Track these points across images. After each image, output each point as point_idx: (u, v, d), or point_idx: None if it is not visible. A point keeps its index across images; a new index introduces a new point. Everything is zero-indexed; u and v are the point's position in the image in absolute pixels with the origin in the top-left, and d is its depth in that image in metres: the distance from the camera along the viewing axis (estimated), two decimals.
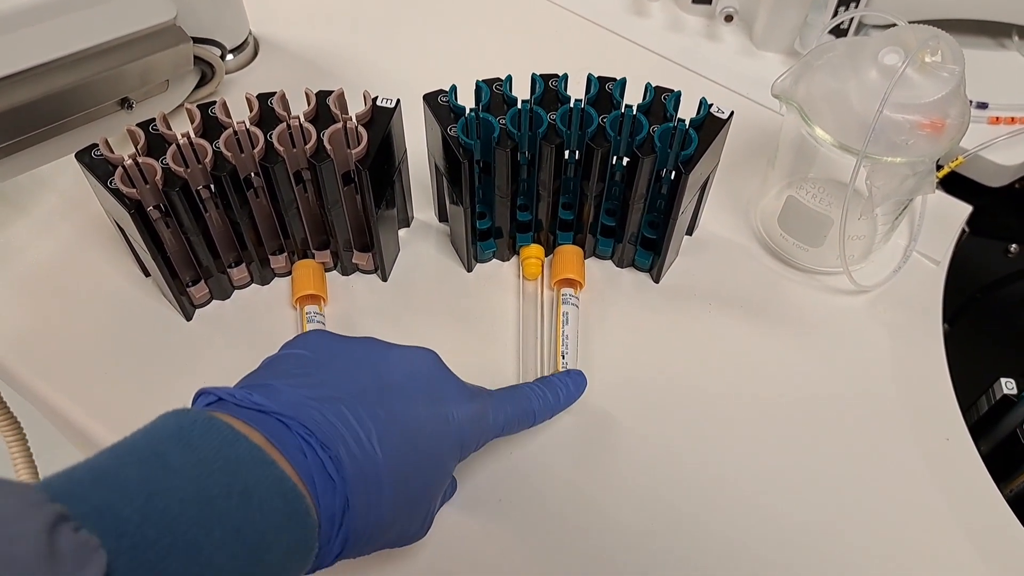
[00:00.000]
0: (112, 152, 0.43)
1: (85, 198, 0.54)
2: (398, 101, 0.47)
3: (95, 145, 0.43)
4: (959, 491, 0.44)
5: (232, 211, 0.46)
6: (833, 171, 0.49)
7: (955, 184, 0.60)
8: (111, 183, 0.42)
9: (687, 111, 0.47)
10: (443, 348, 0.48)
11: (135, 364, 0.48)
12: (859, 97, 0.45)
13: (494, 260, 0.54)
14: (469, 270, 0.53)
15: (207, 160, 0.43)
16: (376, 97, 0.47)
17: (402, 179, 0.51)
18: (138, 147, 0.43)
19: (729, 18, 0.66)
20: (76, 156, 0.43)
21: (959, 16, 0.63)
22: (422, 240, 0.55)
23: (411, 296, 0.52)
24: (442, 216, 0.55)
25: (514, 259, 0.54)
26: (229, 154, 0.44)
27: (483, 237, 0.52)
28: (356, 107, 0.46)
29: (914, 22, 0.45)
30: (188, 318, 0.50)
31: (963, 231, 0.57)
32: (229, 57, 0.63)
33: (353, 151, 0.44)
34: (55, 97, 0.49)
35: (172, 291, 0.47)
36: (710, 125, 0.46)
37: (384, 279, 0.52)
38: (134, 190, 0.42)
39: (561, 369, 0.47)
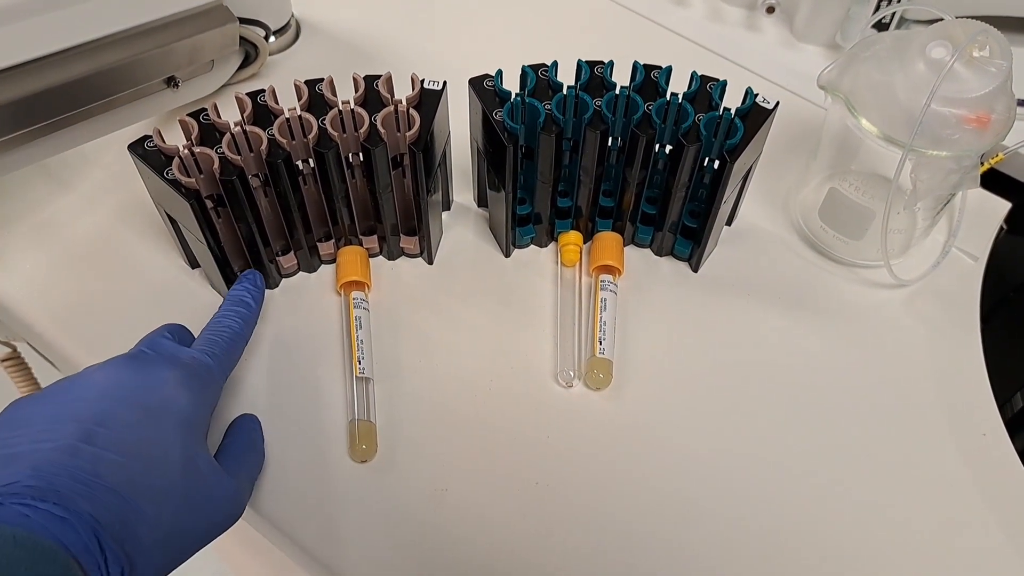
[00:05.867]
0: (164, 142, 0.43)
1: (130, 174, 0.54)
2: (444, 83, 0.47)
3: (148, 136, 0.43)
4: (995, 487, 0.44)
5: (283, 198, 0.46)
6: (876, 164, 0.49)
7: (993, 181, 0.59)
8: (168, 173, 0.42)
9: (728, 101, 0.47)
10: (481, 333, 0.49)
11: None
12: (905, 90, 0.45)
13: (532, 246, 0.54)
14: (507, 255, 0.53)
15: (262, 148, 0.44)
16: (423, 80, 0.47)
17: (446, 162, 0.52)
18: (191, 137, 0.43)
19: (771, 9, 0.65)
20: (129, 148, 0.44)
21: (996, 13, 0.63)
22: (460, 224, 0.55)
23: (451, 281, 0.52)
24: (481, 201, 0.56)
25: (552, 245, 0.54)
26: (283, 141, 0.44)
27: (522, 223, 0.53)
28: (398, 90, 0.46)
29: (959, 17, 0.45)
30: None
31: (1001, 228, 0.57)
32: (272, 38, 0.63)
33: (405, 135, 0.45)
34: (104, 74, 0.49)
35: (224, 280, 0.48)
36: (755, 115, 0.46)
37: (430, 262, 0.52)
38: (192, 180, 0.42)
39: (599, 356, 0.47)
